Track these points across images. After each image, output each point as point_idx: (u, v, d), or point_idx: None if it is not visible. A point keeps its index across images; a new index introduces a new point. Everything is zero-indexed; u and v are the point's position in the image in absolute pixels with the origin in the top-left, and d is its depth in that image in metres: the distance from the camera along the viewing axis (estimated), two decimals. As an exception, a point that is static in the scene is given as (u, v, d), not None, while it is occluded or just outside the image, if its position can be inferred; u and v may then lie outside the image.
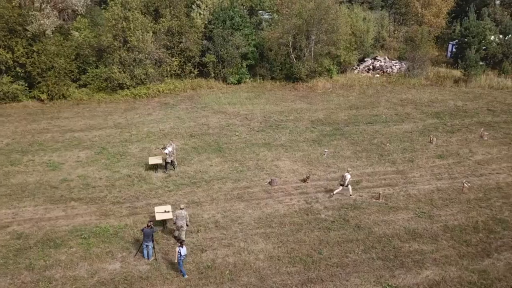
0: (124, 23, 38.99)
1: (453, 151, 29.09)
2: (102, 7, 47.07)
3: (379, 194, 23.12)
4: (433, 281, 17.08)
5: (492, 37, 48.66)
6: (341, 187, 23.27)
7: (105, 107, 37.65)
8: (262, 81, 44.93)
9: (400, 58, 50.60)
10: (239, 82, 44.28)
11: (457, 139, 31.27)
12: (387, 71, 47.36)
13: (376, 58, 49.84)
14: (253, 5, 49.72)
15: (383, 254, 18.68)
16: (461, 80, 44.12)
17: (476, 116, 35.95)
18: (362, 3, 60.11)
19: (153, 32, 41.61)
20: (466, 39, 47.08)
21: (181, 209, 19.29)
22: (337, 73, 46.78)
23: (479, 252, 18.78)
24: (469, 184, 24.25)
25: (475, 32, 46.77)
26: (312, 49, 44.07)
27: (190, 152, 29.13)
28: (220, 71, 44.37)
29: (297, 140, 31.07)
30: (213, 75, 44.63)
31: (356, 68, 48.63)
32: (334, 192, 23.29)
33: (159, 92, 40.84)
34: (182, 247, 16.84)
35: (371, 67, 48.27)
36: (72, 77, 40.24)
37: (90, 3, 45.29)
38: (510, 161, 27.66)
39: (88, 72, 40.33)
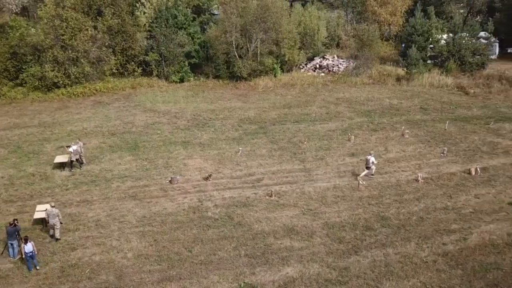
0: (57, 21, 38.85)
1: (368, 149, 29.09)
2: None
3: (271, 191, 23.13)
4: (290, 278, 17.08)
5: (443, 36, 48.77)
6: (366, 171, 24.71)
7: (36, 106, 37.52)
8: (205, 80, 44.93)
9: (352, 57, 50.68)
10: (181, 80, 44.22)
11: (377, 137, 31.31)
12: (333, 69, 47.40)
13: (324, 57, 49.87)
14: (200, 4, 49.68)
15: (252, 251, 18.65)
16: (403, 78, 44.23)
17: (407, 114, 36.01)
18: (319, 1, 60.31)
19: (92, 31, 41.53)
20: (411, 38, 47.19)
21: (52, 207, 19.23)
22: (283, 72, 46.83)
23: (348, 249, 18.77)
24: (364, 182, 24.28)
25: (421, 31, 46.86)
26: (255, 48, 44.08)
27: (105, 150, 29.07)
28: (163, 69, 44.32)
29: (217, 139, 31.05)
30: (156, 73, 44.58)
31: (303, 67, 48.66)
32: (361, 175, 24.54)
33: (97, 91, 40.72)
34: (26, 244, 16.79)
35: (317, 66, 48.29)
36: (8, 76, 40.09)
37: (26, 1, 45.11)
38: (421, 158, 27.68)
39: (24, 71, 40.18)
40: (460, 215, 21.21)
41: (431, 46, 47.86)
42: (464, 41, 46.84)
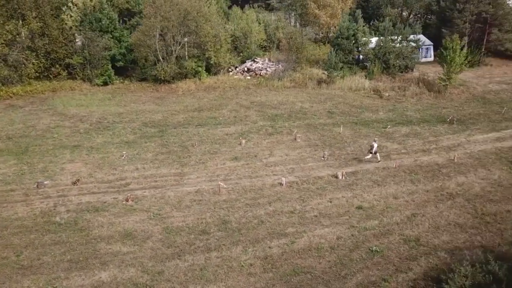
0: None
1: (254, 153, 29.52)
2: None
3: (128, 196, 23.49)
4: (100, 282, 17.43)
5: (371, 39, 49.29)
6: (370, 155, 27.80)
7: None
8: (129, 83, 45.21)
9: (278, 61, 51.08)
10: (105, 83, 44.46)
11: (270, 141, 31.72)
12: (260, 73, 47.81)
13: (255, 60, 50.28)
14: (130, 7, 49.93)
15: (77, 256, 18.93)
16: (324, 82, 44.71)
17: (311, 118, 36.44)
18: (261, 5, 60.84)
19: (13, 34, 41.68)
20: (337, 41, 47.71)
21: None
22: (210, 75, 47.17)
23: (174, 253, 19.12)
24: (225, 186, 24.70)
25: (346, 34, 47.37)
26: (178, 51, 44.40)
27: (-7, 154, 29.34)
28: (87, 72, 44.55)
29: (110, 142, 31.36)
30: (80, 77, 44.82)
31: (232, 70, 49.04)
32: (365, 159, 27.79)
33: (14, 94, 40.88)
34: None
35: (246, 69, 48.69)
36: None
37: None
38: (299, 162, 28.12)
39: None
40: (302, 219, 21.66)
41: (358, 49, 48.43)
42: (389, 45, 47.37)
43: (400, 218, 21.66)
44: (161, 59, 43.96)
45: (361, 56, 49.34)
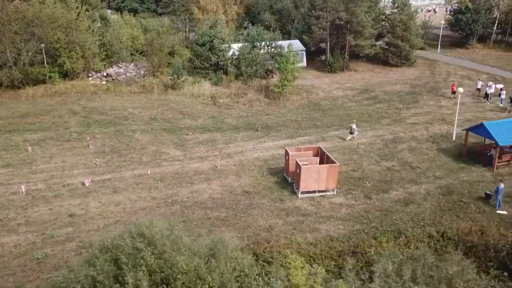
0: None
1: (31, 160, 30.21)
2: None
3: None
4: None
5: (233, 46, 50.19)
6: (350, 135, 33.43)
7: None
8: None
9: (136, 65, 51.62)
10: None
11: (62, 147, 32.42)
12: (117, 78, 48.46)
13: (118, 65, 50.96)
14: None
15: None
16: (171, 87, 45.49)
17: (128, 124, 37.03)
18: (145, 10, 61.53)
19: None
20: (194, 47, 48.61)
21: None
22: (69, 80, 47.70)
23: None
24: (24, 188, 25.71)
25: (201, 41, 48.17)
26: (25, 57, 44.99)
27: None
28: None
29: None
30: None
31: (92, 75, 49.62)
32: (347, 139, 33.28)
33: None
34: None
35: (105, 74, 49.32)
36: None
37: None
38: (66, 169, 28.93)
39: None
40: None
41: (217, 56, 49.30)
42: (245, 52, 48.30)
43: (95, 226, 22.59)
44: (4, 65, 44.45)
45: (222, 63, 50.25)
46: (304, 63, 55.90)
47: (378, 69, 54.39)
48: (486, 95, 42.96)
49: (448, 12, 73.70)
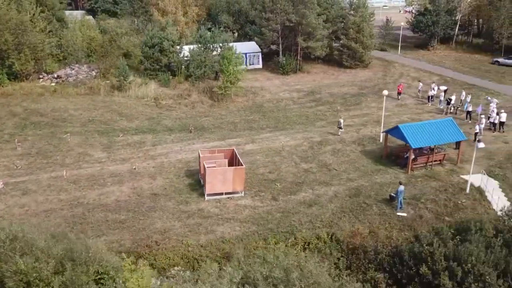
0: None
1: (-45, 162, 30.45)
2: None
3: None
4: None
5: (184, 47, 50.45)
6: (340, 130, 35.08)
7: None
8: None
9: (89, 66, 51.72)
10: None
11: (-12, 149, 32.69)
12: (67, 79, 48.59)
13: (70, 66, 51.10)
14: None
15: None
16: (117, 89, 45.68)
17: (65, 126, 37.21)
18: (104, 12, 61.66)
19: None
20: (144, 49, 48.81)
21: None
22: (19, 81, 47.81)
23: None
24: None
25: (151, 43, 48.37)
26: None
27: None
28: None
29: None
30: None
31: (43, 76, 49.72)
32: (339, 133, 34.91)
33: None
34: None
35: (55, 75, 49.44)
36: None
37: None
38: (-13, 172, 29.20)
39: None
40: None
41: (168, 58, 49.53)
42: (195, 53, 48.53)
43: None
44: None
45: (172, 64, 50.43)
46: (260, 65, 56.24)
47: (331, 71, 54.79)
48: (428, 97, 43.37)
49: (402, 12, 74.11)
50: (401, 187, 24.88)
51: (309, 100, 44.99)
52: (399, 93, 45.14)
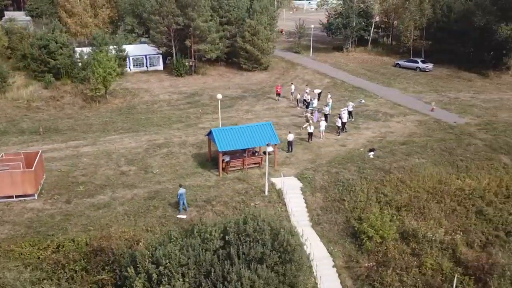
0: None
1: None
2: None
3: None
4: None
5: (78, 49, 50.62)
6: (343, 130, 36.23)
7: None
8: None
9: None
10: None
11: None
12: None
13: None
14: None
15: None
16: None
17: None
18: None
19: None
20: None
21: None
22: None
23: None
24: None
25: (42, 44, 48.49)
26: None
27: None
28: None
29: None
30: None
31: None
32: (339, 135, 35.99)
33: None
34: None
35: None
36: None
37: None
38: None
39: None
40: None
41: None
42: (82, 55, 48.72)
43: None
44: None
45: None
46: (161, 66, 56.52)
47: (229, 74, 55.15)
48: (297, 100, 43.89)
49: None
50: (181, 190, 25.26)
51: (185, 102, 45.29)
52: (278, 94, 45.71)
